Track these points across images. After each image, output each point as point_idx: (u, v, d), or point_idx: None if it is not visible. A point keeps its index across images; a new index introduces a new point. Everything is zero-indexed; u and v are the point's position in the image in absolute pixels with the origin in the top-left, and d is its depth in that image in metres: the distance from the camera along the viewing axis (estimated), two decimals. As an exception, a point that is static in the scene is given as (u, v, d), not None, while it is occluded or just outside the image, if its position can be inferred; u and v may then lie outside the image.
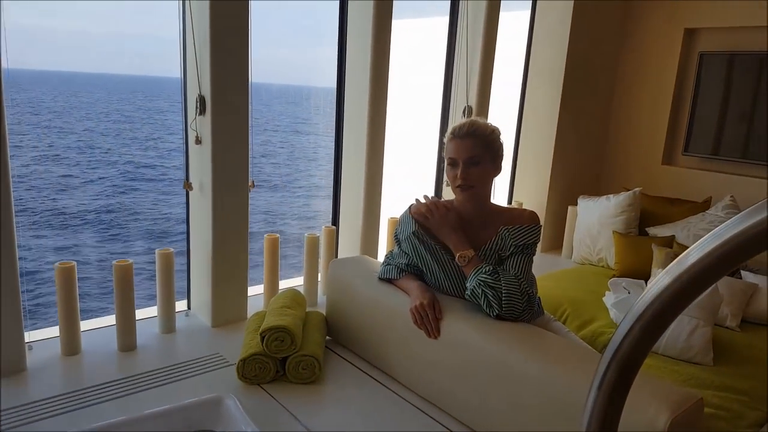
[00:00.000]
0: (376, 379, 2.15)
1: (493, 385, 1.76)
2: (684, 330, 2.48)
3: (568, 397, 1.57)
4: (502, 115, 4.21)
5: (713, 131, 4.05)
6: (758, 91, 3.82)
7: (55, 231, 12.84)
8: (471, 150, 1.88)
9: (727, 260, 0.52)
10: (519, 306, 1.84)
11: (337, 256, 3.20)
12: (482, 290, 1.83)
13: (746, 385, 2.29)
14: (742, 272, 3.21)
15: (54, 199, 14.95)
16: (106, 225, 13.63)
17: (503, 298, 1.82)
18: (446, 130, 1.98)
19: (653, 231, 3.72)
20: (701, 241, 0.53)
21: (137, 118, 27.10)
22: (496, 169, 1.96)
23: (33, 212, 13.83)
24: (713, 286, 2.60)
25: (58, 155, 19.15)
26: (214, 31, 2.29)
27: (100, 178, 17.41)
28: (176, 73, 2.43)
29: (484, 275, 1.85)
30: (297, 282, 3.15)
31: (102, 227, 13.46)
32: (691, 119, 4.13)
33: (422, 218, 1.99)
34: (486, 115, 3.65)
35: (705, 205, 3.77)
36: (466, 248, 1.91)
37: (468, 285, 1.88)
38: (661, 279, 0.57)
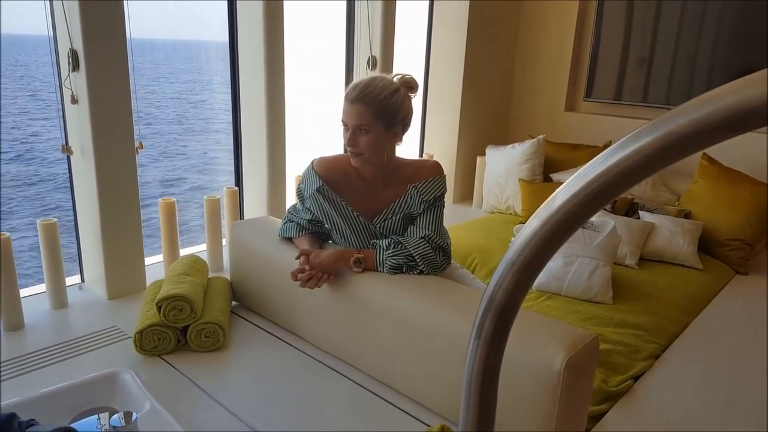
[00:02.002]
0: (283, 340, 2.10)
1: (399, 338, 1.76)
2: (585, 271, 2.56)
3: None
4: (409, 67, 4.15)
5: (615, 77, 4.16)
6: (657, 34, 3.94)
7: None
8: (359, 118, 1.77)
9: (592, 200, 0.50)
10: (437, 261, 1.88)
11: (242, 219, 3.09)
12: (402, 263, 1.85)
13: (643, 320, 2.40)
14: (640, 212, 3.36)
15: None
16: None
17: (418, 260, 1.85)
18: (350, 83, 1.86)
19: (557, 177, 3.82)
20: (567, 182, 0.50)
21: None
22: (395, 136, 1.85)
23: None
24: (611, 227, 2.70)
25: None
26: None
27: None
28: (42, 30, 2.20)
29: (387, 254, 1.86)
30: (201, 248, 3.02)
31: None
32: (592, 65, 4.22)
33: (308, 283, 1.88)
34: (391, 66, 3.58)
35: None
36: (350, 254, 1.88)
37: (385, 270, 1.86)
38: (530, 223, 0.54)
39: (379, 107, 1.77)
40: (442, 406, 1.70)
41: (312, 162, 1.98)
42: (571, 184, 0.50)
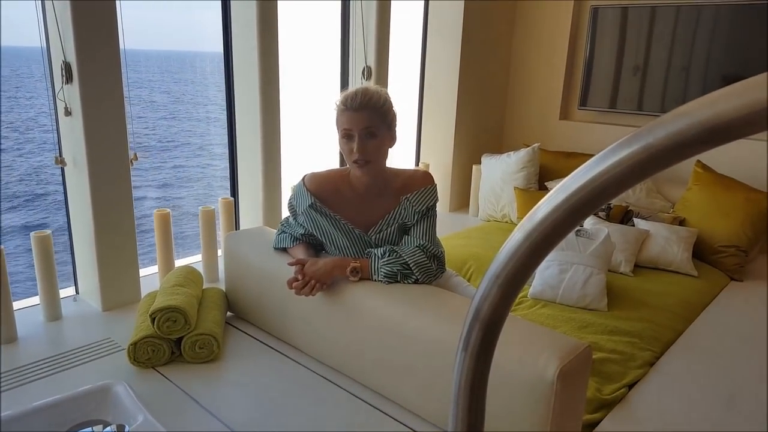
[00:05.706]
0: (278, 351, 2.10)
1: (394, 347, 1.76)
2: (579, 279, 2.56)
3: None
4: (404, 76, 4.16)
5: (609, 85, 4.17)
6: (651, 43, 3.96)
7: None
8: (368, 120, 1.81)
9: (574, 213, 0.50)
10: (431, 269, 1.90)
11: (238, 229, 3.09)
12: (397, 270, 1.86)
13: (638, 327, 2.40)
14: (635, 220, 3.37)
15: None
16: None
17: (413, 268, 1.86)
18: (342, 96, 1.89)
19: (552, 185, 3.83)
20: (549, 195, 0.51)
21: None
22: (392, 140, 1.91)
23: None
24: (605, 234, 2.70)
25: None
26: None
27: None
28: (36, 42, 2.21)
29: (383, 262, 1.87)
30: (197, 259, 3.02)
31: None
32: (587, 74, 4.23)
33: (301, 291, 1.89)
34: (386, 77, 3.59)
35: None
36: (347, 263, 1.89)
37: (380, 278, 1.88)
38: (514, 236, 0.54)
39: (381, 111, 1.84)
40: (439, 417, 1.69)
41: (303, 178, 2.00)
42: (553, 196, 0.51)
